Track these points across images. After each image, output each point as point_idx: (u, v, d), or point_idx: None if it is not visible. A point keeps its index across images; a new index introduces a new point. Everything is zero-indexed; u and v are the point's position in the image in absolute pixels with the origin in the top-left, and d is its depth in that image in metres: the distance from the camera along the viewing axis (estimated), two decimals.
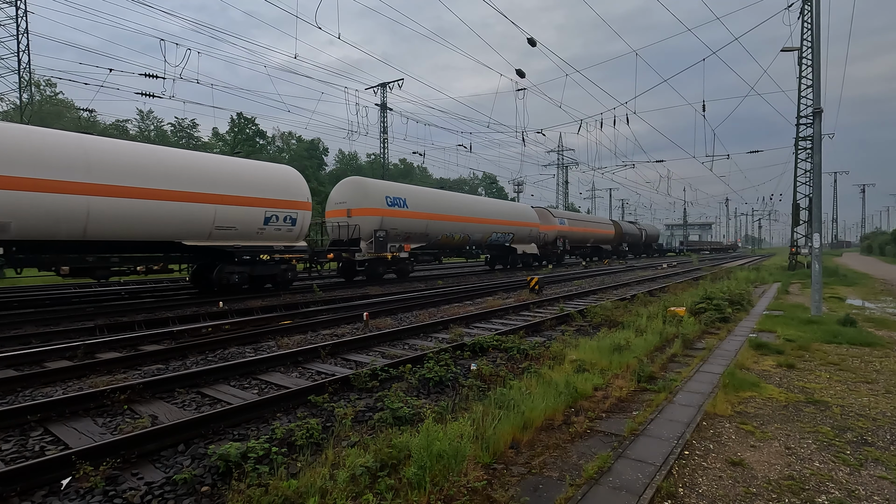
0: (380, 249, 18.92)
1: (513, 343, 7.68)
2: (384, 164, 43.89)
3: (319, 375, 6.41)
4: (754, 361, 7.14)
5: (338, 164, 76.41)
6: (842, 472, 3.73)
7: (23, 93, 29.43)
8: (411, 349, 7.95)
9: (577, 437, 4.41)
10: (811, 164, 20.17)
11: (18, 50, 28.14)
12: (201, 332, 8.97)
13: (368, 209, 19.15)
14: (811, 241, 12.42)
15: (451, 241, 23.53)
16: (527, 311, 12.36)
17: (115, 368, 6.71)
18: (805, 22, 24.82)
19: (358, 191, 19.68)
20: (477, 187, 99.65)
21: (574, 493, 3.34)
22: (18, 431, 4.50)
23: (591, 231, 41.58)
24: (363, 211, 19.25)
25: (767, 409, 5.11)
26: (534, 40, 14.53)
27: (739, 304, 12.59)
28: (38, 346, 7.71)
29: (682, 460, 3.90)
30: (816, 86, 12.18)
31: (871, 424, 4.69)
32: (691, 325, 9.49)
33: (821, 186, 12.01)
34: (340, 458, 3.63)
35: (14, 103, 35.63)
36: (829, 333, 8.76)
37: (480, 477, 3.44)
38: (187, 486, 3.47)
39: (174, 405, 5.26)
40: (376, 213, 19.14)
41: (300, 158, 62.12)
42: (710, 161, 30.80)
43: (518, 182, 70.98)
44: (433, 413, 4.50)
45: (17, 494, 3.35)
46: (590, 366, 6.40)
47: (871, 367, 6.80)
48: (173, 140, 56.95)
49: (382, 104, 40.37)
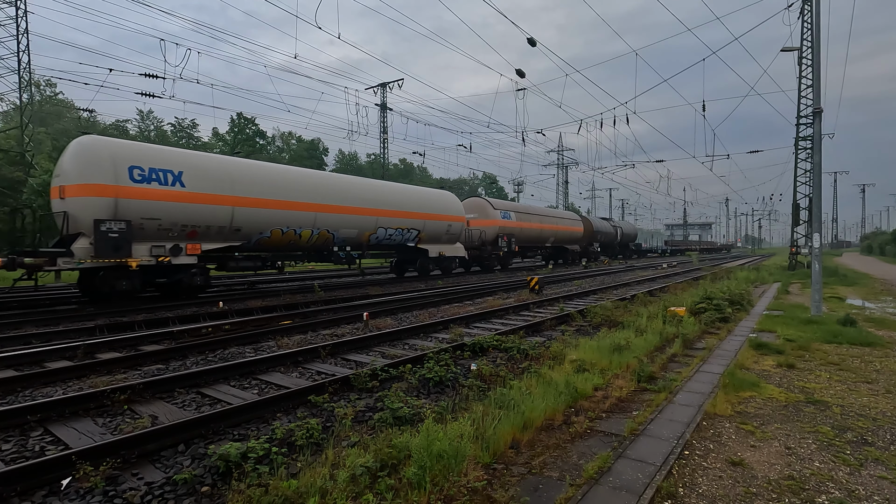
0: (110, 252, 11.57)
1: (513, 343, 7.68)
2: (384, 164, 43.89)
3: (319, 375, 6.40)
4: (754, 361, 7.14)
5: (338, 163, 76.41)
6: (842, 471, 3.73)
7: (23, 93, 29.42)
8: (411, 349, 7.95)
9: (577, 437, 4.41)
10: (811, 164, 20.17)
11: (18, 50, 28.13)
12: (201, 332, 8.96)
13: (90, 186, 11.62)
14: (811, 240, 12.42)
15: (292, 240, 15.92)
16: (527, 311, 12.35)
17: (115, 368, 6.70)
18: (805, 22, 24.82)
19: (82, 156, 11.94)
20: (477, 187, 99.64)
21: (574, 493, 3.33)
22: (18, 431, 4.50)
23: (550, 228, 33.94)
24: (83, 189, 11.63)
25: (767, 409, 5.10)
26: (534, 40, 14.53)
27: (739, 304, 12.58)
28: (38, 346, 7.71)
29: (682, 460, 3.90)
30: (816, 86, 12.18)
31: (871, 424, 4.68)
32: (691, 325, 9.49)
33: (821, 186, 12.01)
34: (340, 458, 3.63)
35: (14, 103, 35.63)
36: (830, 333, 8.76)
37: (480, 477, 3.44)
38: (187, 486, 3.47)
39: (174, 405, 5.26)
40: (103, 193, 11.60)
41: (300, 158, 62.15)
42: (710, 161, 30.81)
43: (518, 182, 71.03)
44: (433, 413, 4.50)
45: (17, 494, 3.35)
46: (590, 366, 6.40)
47: (871, 367, 6.80)
48: (173, 140, 56.92)
49: (382, 104, 40.38)
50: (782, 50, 16.17)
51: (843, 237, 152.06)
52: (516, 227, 29.44)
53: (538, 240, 33.11)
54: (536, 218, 32.67)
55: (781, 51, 16.23)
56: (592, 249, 42.66)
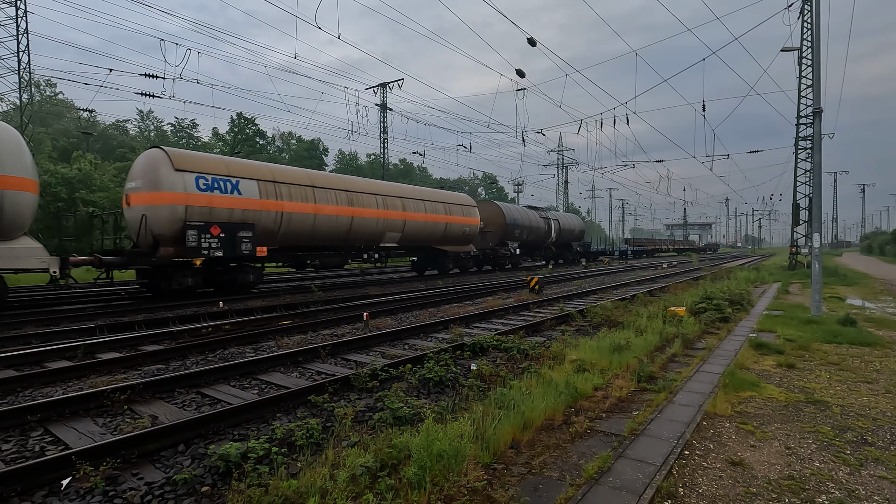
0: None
1: (513, 343, 7.68)
2: (384, 164, 43.91)
3: (319, 375, 6.40)
4: (754, 361, 7.14)
5: (338, 164, 76.42)
6: (842, 471, 3.73)
7: (23, 93, 29.42)
8: (411, 349, 7.95)
9: (577, 436, 4.41)
10: (811, 164, 20.18)
11: (18, 50, 28.13)
12: (201, 332, 8.96)
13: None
14: (811, 240, 12.42)
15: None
16: (527, 311, 12.35)
17: (116, 368, 6.70)
18: (805, 22, 24.83)
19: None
20: (477, 187, 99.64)
21: (574, 493, 3.33)
22: (18, 431, 4.50)
23: (384, 215, 19.03)
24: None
25: (767, 409, 5.11)
26: (534, 40, 14.53)
27: (739, 304, 12.59)
28: (38, 346, 7.71)
29: (682, 460, 3.90)
30: (816, 86, 12.18)
31: (871, 424, 4.69)
32: (691, 325, 9.49)
33: (821, 186, 12.01)
34: (340, 458, 3.62)
35: (14, 103, 35.64)
36: (829, 333, 8.76)
37: (480, 477, 3.44)
38: (187, 486, 3.47)
39: (174, 405, 5.26)
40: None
41: (300, 158, 62.15)
42: (710, 161, 30.84)
43: (518, 182, 71.01)
44: (433, 413, 4.50)
45: (17, 494, 3.35)
46: (590, 366, 6.40)
47: (871, 367, 6.80)
48: (173, 140, 56.93)
49: (382, 104, 40.38)
50: (782, 50, 16.18)
51: (843, 237, 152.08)
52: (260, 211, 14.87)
53: (330, 237, 17.14)
54: (343, 196, 17.40)
55: (781, 51, 16.24)
56: (505, 252, 28.66)
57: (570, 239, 39.42)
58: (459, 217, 23.97)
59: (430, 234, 22.23)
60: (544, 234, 34.25)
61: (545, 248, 35.93)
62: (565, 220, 39.31)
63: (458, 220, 23.77)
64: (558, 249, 38.35)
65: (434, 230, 22.32)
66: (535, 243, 33.79)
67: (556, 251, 38.14)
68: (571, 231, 39.29)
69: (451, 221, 23.27)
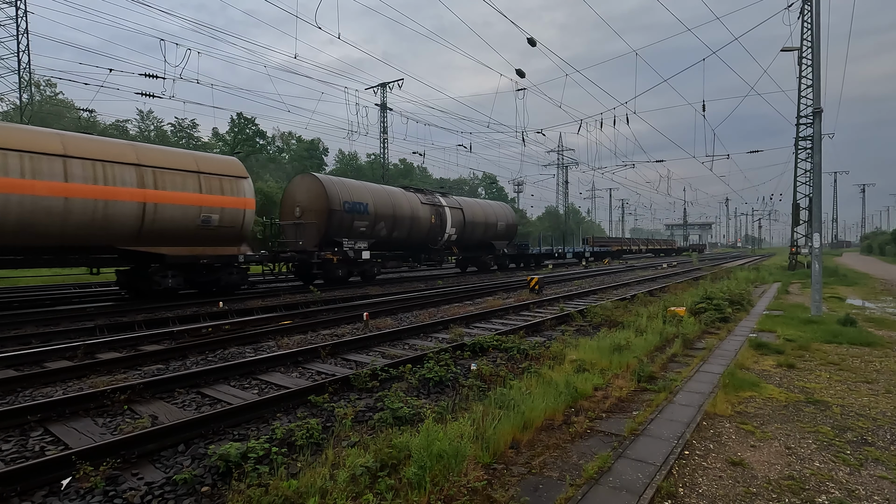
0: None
1: (513, 343, 7.68)
2: (384, 164, 43.90)
3: (319, 375, 6.40)
4: (754, 361, 7.14)
5: (338, 164, 76.43)
6: (842, 471, 3.73)
7: (23, 93, 29.42)
8: (411, 349, 7.95)
9: (577, 436, 4.41)
10: (811, 164, 20.18)
11: (18, 50, 28.13)
12: (201, 332, 8.96)
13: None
14: (811, 240, 12.42)
15: None
16: (527, 311, 12.35)
17: (115, 368, 6.71)
18: (805, 22, 24.83)
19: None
20: (477, 187, 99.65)
21: (574, 493, 3.33)
22: (18, 431, 4.50)
23: None
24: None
25: (767, 409, 5.10)
26: (534, 40, 14.53)
27: (739, 304, 12.59)
28: (38, 346, 7.71)
29: (682, 460, 3.90)
30: (816, 86, 12.18)
31: (871, 424, 4.68)
32: (691, 325, 9.49)
33: (821, 186, 12.01)
34: (340, 458, 3.63)
35: (14, 103, 35.63)
36: (829, 333, 8.76)
37: (480, 477, 3.44)
38: (187, 486, 3.47)
39: (174, 405, 5.26)
40: None
41: (300, 158, 62.20)
42: (710, 161, 30.81)
43: (518, 182, 71.04)
44: (433, 413, 4.50)
45: (17, 494, 3.35)
46: (590, 366, 6.40)
47: (871, 367, 6.80)
48: (173, 140, 56.93)
49: (382, 104, 40.38)
50: (782, 50, 16.18)
51: (843, 237, 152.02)
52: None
53: None
54: None
55: (781, 51, 16.24)
56: (333, 257, 17.78)
57: (490, 236, 27.03)
58: (208, 195, 13.62)
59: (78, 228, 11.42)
60: (429, 230, 22.17)
61: (439, 250, 23.83)
62: (478, 209, 26.30)
63: (194, 198, 13.33)
64: (469, 252, 26.67)
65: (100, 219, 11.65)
66: (413, 243, 22.04)
67: (463, 254, 26.51)
68: (489, 226, 26.58)
69: (174, 202, 12.95)
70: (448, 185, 73.01)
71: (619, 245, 52.56)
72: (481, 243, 27.19)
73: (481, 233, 26.38)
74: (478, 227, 25.97)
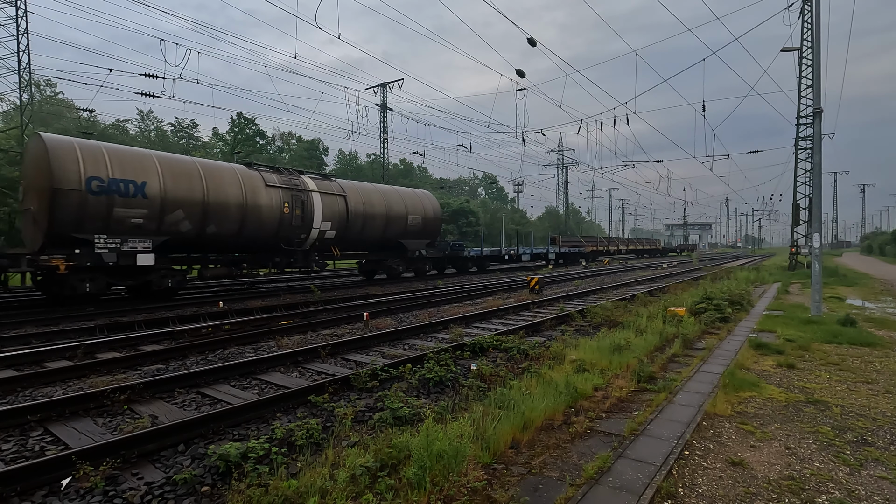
0: None
1: (513, 343, 7.68)
2: (384, 164, 43.90)
3: (319, 375, 6.40)
4: (754, 361, 7.13)
5: (338, 163, 76.44)
6: (842, 472, 3.73)
7: (23, 93, 29.42)
8: (411, 349, 7.95)
9: (577, 437, 4.41)
10: (811, 164, 20.18)
11: (18, 50, 28.12)
12: (201, 332, 8.96)
13: None
14: (811, 241, 12.42)
15: None
16: (527, 311, 12.35)
17: (115, 368, 6.71)
18: (805, 22, 24.83)
19: None
20: (477, 187, 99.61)
21: (574, 494, 3.33)
22: (18, 431, 4.50)
23: None
24: None
25: (767, 409, 5.10)
26: (534, 40, 14.52)
27: (739, 304, 12.58)
28: (38, 346, 7.71)
29: (682, 460, 3.90)
30: (816, 86, 12.18)
31: (871, 424, 4.68)
32: (691, 325, 9.49)
33: (821, 186, 12.01)
34: (340, 458, 3.62)
35: (14, 103, 35.62)
36: (829, 333, 8.76)
37: (480, 477, 3.44)
38: (187, 486, 3.47)
39: (174, 405, 5.26)
40: None
41: (300, 158, 62.17)
42: (710, 161, 30.78)
43: (518, 182, 71.00)
44: (433, 413, 4.50)
45: (17, 494, 3.35)
46: (590, 366, 6.40)
47: (871, 367, 6.80)
48: (173, 140, 56.93)
49: (382, 104, 40.38)
50: (782, 50, 16.18)
51: (843, 237, 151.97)
52: None
53: None
54: None
55: (781, 51, 16.24)
56: (52, 262, 11.19)
57: (397, 234, 20.45)
58: None
59: None
60: (281, 224, 15.83)
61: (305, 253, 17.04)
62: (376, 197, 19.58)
63: None
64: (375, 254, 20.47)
65: None
66: (253, 242, 15.51)
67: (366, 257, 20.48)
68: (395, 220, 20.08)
69: None
70: (448, 185, 72.96)
71: (595, 245, 45.33)
72: (383, 242, 20.27)
73: (381, 229, 19.63)
74: (374, 221, 19.14)
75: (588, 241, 45.12)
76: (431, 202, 22.94)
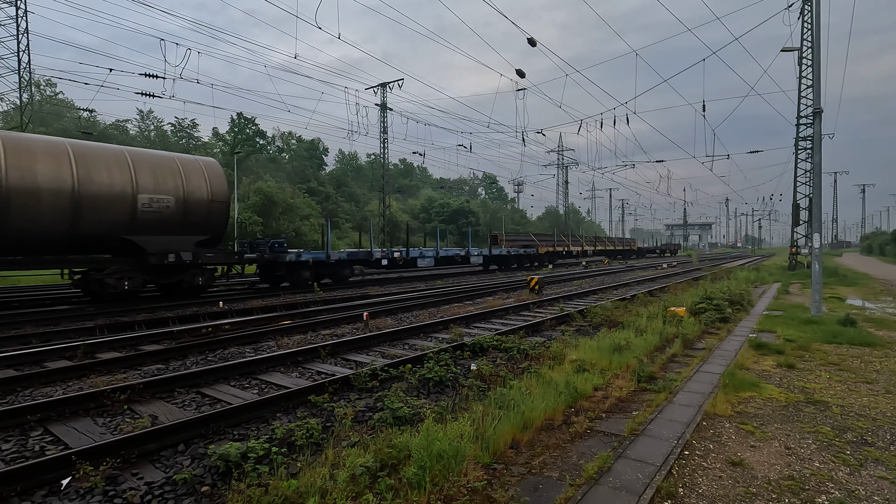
0: None
1: (513, 343, 7.68)
2: (384, 164, 43.91)
3: (319, 375, 6.40)
4: (754, 361, 7.13)
5: (338, 163, 76.42)
6: (842, 472, 3.73)
7: (23, 93, 29.41)
8: (411, 349, 7.95)
9: (577, 437, 4.41)
10: (811, 164, 20.18)
11: (18, 50, 28.13)
12: (201, 332, 8.96)
13: None
14: (811, 241, 12.42)
15: None
16: (527, 311, 12.35)
17: (115, 368, 6.70)
18: (805, 22, 24.83)
19: None
20: (477, 187, 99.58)
21: (574, 494, 3.33)
22: (18, 431, 4.50)
23: None
24: None
25: (767, 410, 5.10)
26: (534, 40, 14.52)
27: (739, 304, 12.58)
28: (38, 346, 7.71)
29: (682, 460, 3.90)
30: (816, 86, 12.18)
31: (871, 424, 4.68)
32: (691, 325, 9.49)
33: (821, 186, 12.01)
34: (340, 458, 3.62)
35: (14, 103, 35.63)
36: (829, 333, 8.76)
37: (480, 477, 3.44)
38: (187, 486, 3.47)
39: (174, 405, 5.26)
40: None
41: (300, 158, 62.19)
42: (710, 161, 30.74)
43: (518, 182, 70.98)
44: (433, 413, 4.50)
45: (17, 494, 3.35)
46: (590, 366, 6.40)
47: (871, 368, 6.80)
48: (173, 140, 56.92)
49: (382, 104, 40.36)
50: (782, 50, 16.17)
51: (843, 237, 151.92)
52: None
53: None
54: None
55: (781, 51, 16.24)
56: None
57: (105, 226, 11.83)
58: None
59: None
60: None
61: None
62: (57, 155, 11.08)
63: None
64: (61, 259, 11.69)
65: None
66: None
67: (53, 264, 11.65)
68: (122, 200, 11.96)
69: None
70: (448, 185, 72.92)
71: (551, 245, 35.08)
72: (100, 238, 12.06)
73: (94, 216, 11.66)
74: (42, 201, 10.86)
75: (544, 240, 35.99)
76: (209, 175, 14.15)
